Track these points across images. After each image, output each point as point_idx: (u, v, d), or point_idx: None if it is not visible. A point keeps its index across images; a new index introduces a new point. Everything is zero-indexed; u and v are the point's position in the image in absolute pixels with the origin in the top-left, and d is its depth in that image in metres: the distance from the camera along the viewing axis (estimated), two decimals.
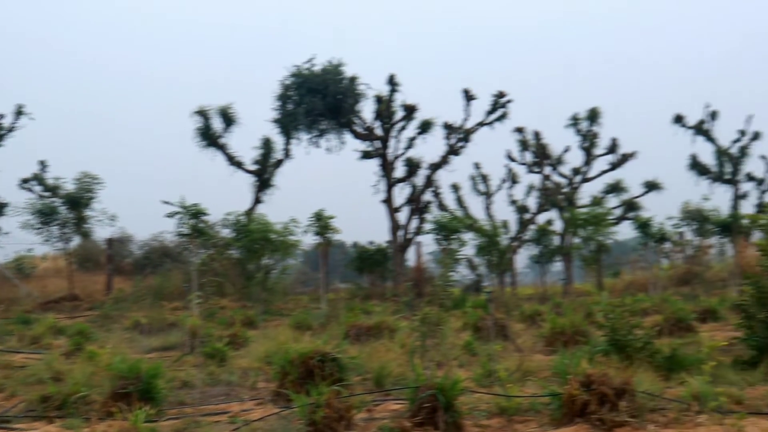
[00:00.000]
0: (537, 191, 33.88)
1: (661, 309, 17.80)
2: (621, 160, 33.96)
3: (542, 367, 11.04)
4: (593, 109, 34.17)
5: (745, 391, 9.22)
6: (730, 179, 34.63)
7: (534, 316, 18.20)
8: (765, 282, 11.63)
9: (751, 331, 11.74)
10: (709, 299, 20.21)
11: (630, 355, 10.54)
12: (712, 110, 34.97)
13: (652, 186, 33.31)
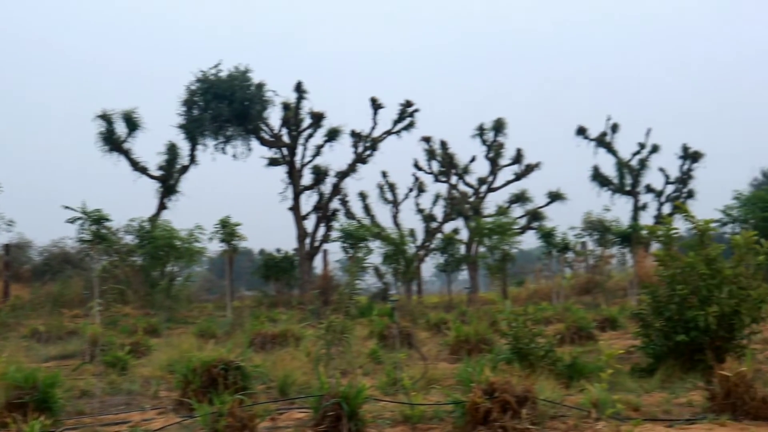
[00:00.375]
0: (443, 200, 34.18)
1: (563, 318, 18.11)
2: (525, 171, 34.52)
3: (446, 376, 11.12)
4: (498, 119, 34.65)
5: (642, 398, 9.45)
6: (631, 191, 35.49)
7: (439, 325, 18.33)
8: (662, 291, 11.94)
9: (649, 340, 12.05)
10: (609, 308, 20.65)
11: (532, 363, 10.70)
12: (614, 123, 35.82)
13: (556, 196, 33.93)
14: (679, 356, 11.44)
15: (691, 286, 11.49)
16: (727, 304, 11.25)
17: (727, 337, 11.46)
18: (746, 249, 11.74)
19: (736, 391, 8.40)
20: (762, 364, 12.13)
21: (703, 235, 11.91)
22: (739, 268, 11.65)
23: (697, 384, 10.15)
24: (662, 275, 12.10)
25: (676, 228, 12.43)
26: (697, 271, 11.54)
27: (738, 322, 11.44)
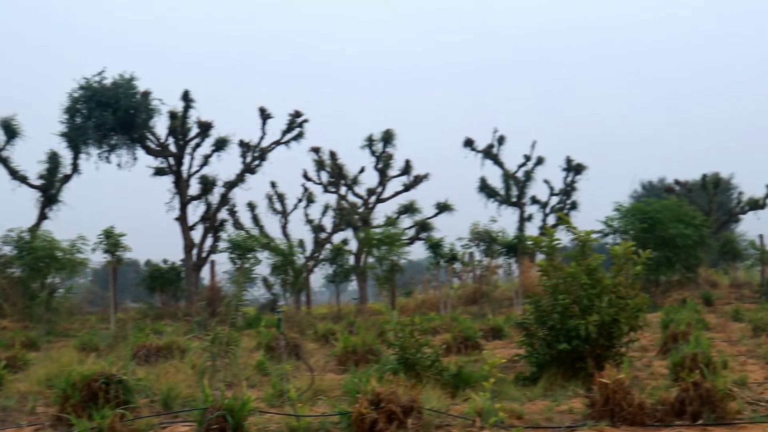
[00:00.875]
0: (333, 211, 34.17)
1: (450, 328, 18.29)
2: (414, 182, 34.79)
3: (334, 387, 11.11)
4: (388, 131, 34.85)
5: (525, 406, 9.61)
6: (516, 202, 36.17)
7: (327, 336, 18.31)
8: (545, 301, 12.19)
9: (532, 349, 12.28)
10: (495, 318, 20.96)
11: (419, 373, 10.77)
12: (500, 135, 36.45)
13: (444, 207, 34.30)
14: (561, 364, 11.68)
15: (572, 295, 11.76)
16: (606, 313, 11.55)
17: (607, 345, 11.76)
18: (625, 259, 12.09)
19: (615, 398, 8.63)
20: (639, 372, 12.52)
21: (584, 245, 12.21)
22: (618, 278, 11.98)
23: (578, 391, 10.39)
24: (545, 285, 12.35)
25: (558, 239, 12.71)
26: (579, 281, 11.81)
27: (617, 330, 11.76)
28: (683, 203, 30.70)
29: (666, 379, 11.19)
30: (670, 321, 17.14)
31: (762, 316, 18.33)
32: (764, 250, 30.96)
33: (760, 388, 10.79)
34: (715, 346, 14.86)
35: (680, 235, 26.85)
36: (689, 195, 36.28)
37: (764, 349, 14.72)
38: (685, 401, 8.73)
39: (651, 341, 16.41)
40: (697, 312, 20.58)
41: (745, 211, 36.33)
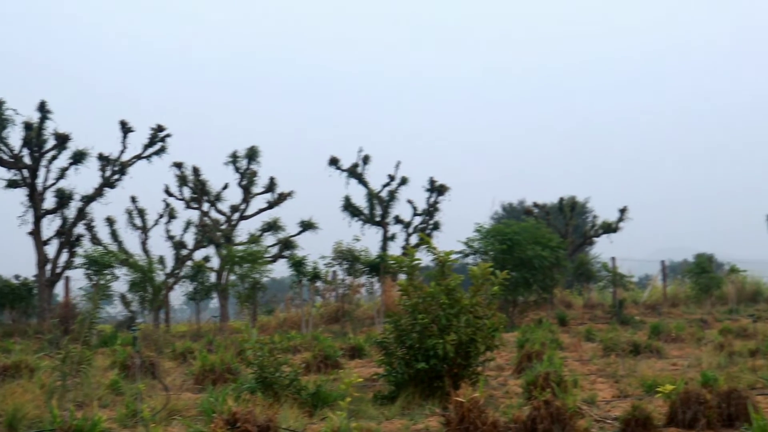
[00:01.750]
0: (195, 227, 33.62)
1: (311, 346, 18.25)
2: (278, 199, 34.61)
3: (189, 406, 10.92)
4: (252, 147, 34.56)
5: (382, 425, 9.68)
6: (380, 221, 36.37)
7: (186, 354, 17.98)
8: (404, 320, 12.30)
9: (391, 368, 12.36)
10: (357, 337, 21.01)
11: (277, 392, 10.71)
12: (365, 155, 36.63)
13: (308, 225, 34.19)
14: (419, 383, 11.81)
15: (431, 315, 11.91)
16: (464, 333, 11.75)
17: (464, 365, 11.96)
18: (483, 280, 12.33)
19: (469, 417, 8.77)
20: (495, 390, 12.77)
21: (443, 265, 12.40)
22: (476, 298, 12.21)
23: (435, 410, 10.53)
24: (405, 305, 12.47)
25: (419, 259, 12.87)
26: (438, 300, 11.99)
27: (474, 349, 11.98)
28: (541, 225, 31.54)
29: (520, 398, 11.45)
30: (525, 340, 17.54)
31: (612, 336, 18.99)
32: (616, 272, 32.11)
33: (608, 406, 11.16)
34: (568, 365, 15.32)
35: (537, 257, 27.53)
36: (547, 217, 37.28)
37: (613, 368, 15.23)
38: (537, 419, 8.94)
39: (507, 360, 16.76)
40: (551, 332, 21.16)
41: (599, 234, 37.54)
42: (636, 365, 15.30)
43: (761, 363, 14.96)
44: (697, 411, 9.36)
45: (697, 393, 9.54)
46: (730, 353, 16.45)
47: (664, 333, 20.93)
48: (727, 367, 14.30)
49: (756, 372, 13.69)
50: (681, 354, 17.81)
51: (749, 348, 16.79)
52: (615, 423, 9.73)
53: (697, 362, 15.59)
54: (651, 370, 14.17)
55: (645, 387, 12.07)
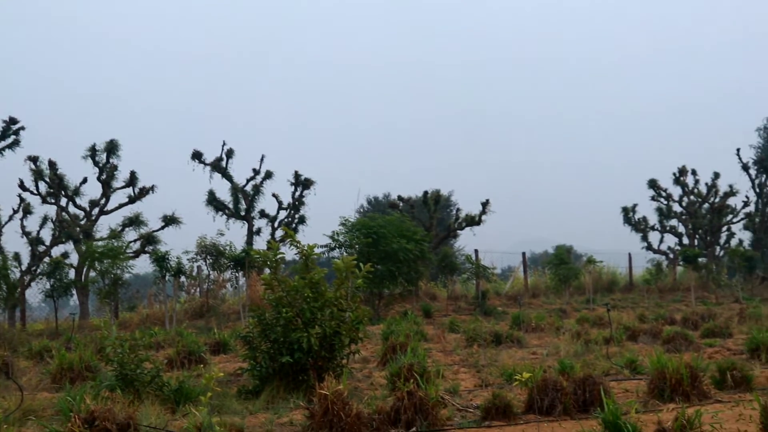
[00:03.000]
0: (52, 223, 32.53)
1: (174, 342, 17.95)
2: (140, 194, 33.83)
3: (46, 406, 10.58)
4: (111, 141, 33.64)
5: (246, 420, 9.60)
6: (245, 215, 36.06)
7: (43, 353, 17.43)
8: (269, 314, 12.25)
9: (255, 362, 12.29)
10: (222, 332, 20.79)
11: (138, 390, 10.50)
12: (229, 148, 36.22)
13: (171, 220, 33.55)
14: (284, 377, 11.79)
15: (296, 308, 11.90)
16: (328, 326, 11.79)
17: (328, 358, 12.00)
18: (347, 273, 12.39)
19: (333, 409, 8.80)
20: (360, 382, 12.85)
21: (307, 259, 12.39)
22: (340, 292, 12.27)
23: (300, 403, 10.52)
24: (269, 299, 12.42)
25: (282, 253, 12.81)
26: (302, 294, 11.98)
27: (338, 342, 12.03)
28: (406, 219, 31.86)
29: (384, 389, 11.56)
30: (390, 332, 17.74)
31: (475, 327, 19.40)
32: (479, 264, 32.78)
33: (470, 395, 11.39)
34: (432, 356, 15.57)
35: (402, 250, 27.83)
36: (411, 211, 37.69)
37: (475, 358, 15.56)
38: (400, 410, 9.06)
39: (372, 353, 16.89)
40: (416, 324, 21.44)
41: (463, 227, 38.15)
42: (497, 355, 15.68)
43: (615, 350, 15.55)
44: (554, 398, 9.65)
45: (554, 380, 9.83)
46: (587, 341, 17.04)
47: (525, 323, 21.50)
48: (583, 355, 14.81)
49: (610, 359, 14.22)
50: (540, 343, 18.33)
51: (604, 336, 17.42)
52: (476, 411, 9.93)
53: (556, 351, 16.08)
54: (512, 360, 14.54)
55: (506, 376, 12.38)
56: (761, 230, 46.48)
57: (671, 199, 45.62)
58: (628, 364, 13.31)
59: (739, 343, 16.73)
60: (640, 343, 17.35)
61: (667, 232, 45.28)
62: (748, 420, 8.65)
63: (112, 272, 26.53)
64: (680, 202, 45.62)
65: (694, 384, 10.33)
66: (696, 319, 22.29)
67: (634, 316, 23.97)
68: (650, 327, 19.32)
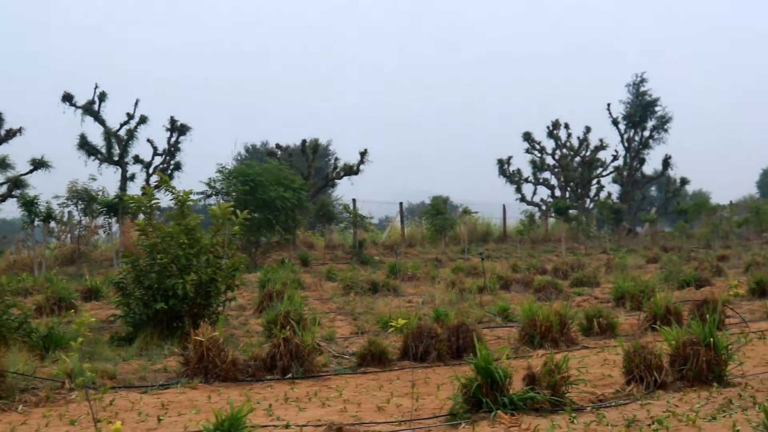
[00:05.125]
0: None
1: (43, 289, 17.49)
2: (6, 136, 32.61)
3: None
4: None
5: (119, 366, 9.44)
6: (119, 161, 35.25)
7: None
8: (143, 261, 12.02)
9: (129, 309, 12.07)
10: (94, 278, 20.33)
11: (5, 336, 10.18)
12: (102, 91, 35.25)
13: (40, 164, 32.49)
14: (158, 324, 11.62)
15: (171, 255, 11.71)
16: (204, 273, 11.66)
17: (204, 305, 11.89)
18: (223, 219, 12.25)
19: (208, 356, 8.76)
20: (236, 329, 12.80)
21: (183, 205, 12.18)
22: (216, 238, 12.12)
23: (174, 350, 10.41)
24: (143, 245, 12.18)
25: (157, 198, 12.54)
26: (177, 240, 11.79)
27: (214, 289, 11.92)
28: (284, 167, 31.72)
29: (261, 336, 11.54)
30: (267, 280, 17.71)
31: (351, 276, 19.55)
32: (356, 214, 32.94)
33: (346, 343, 11.48)
34: (309, 303, 15.62)
35: (280, 198, 27.71)
36: (290, 159, 37.55)
37: (352, 306, 15.67)
38: (276, 356, 9.07)
39: (249, 300, 16.83)
40: (293, 272, 21.46)
41: (341, 176, 38.29)
42: (374, 303, 15.82)
43: (488, 299, 15.91)
44: (429, 345, 9.81)
45: (429, 328, 9.98)
46: (461, 290, 17.38)
47: (402, 272, 21.77)
48: (457, 303, 15.08)
49: (483, 307, 14.54)
50: (416, 292, 18.59)
51: (478, 285, 17.80)
52: (352, 358, 10.02)
53: (431, 299, 16.35)
54: (388, 308, 14.69)
55: (381, 324, 12.51)
56: (629, 183, 48.14)
57: (545, 152, 46.71)
58: (500, 312, 13.64)
59: (605, 292, 17.35)
60: (513, 292, 17.81)
61: (541, 184, 46.45)
62: (612, 364, 8.99)
63: None
64: (553, 155, 46.77)
65: (563, 331, 10.67)
66: (566, 269, 23.02)
67: (508, 266, 24.55)
68: (522, 276, 19.84)
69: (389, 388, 8.27)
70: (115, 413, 7.23)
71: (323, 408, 7.42)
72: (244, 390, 8.26)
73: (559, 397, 6.89)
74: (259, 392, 8.19)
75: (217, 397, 7.95)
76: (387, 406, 7.42)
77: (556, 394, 6.90)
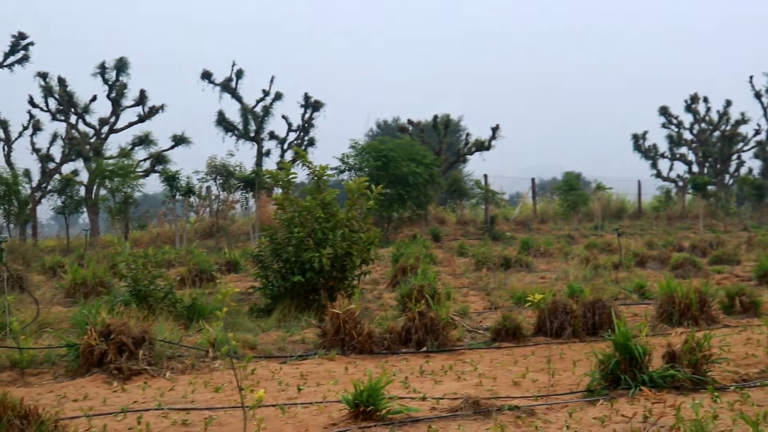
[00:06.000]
0: (62, 140, 32.53)
1: (185, 261, 18.09)
2: (149, 113, 33.75)
3: (61, 319, 10.72)
4: (121, 59, 33.49)
5: (258, 337, 9.72)
6: (254, 137, 36.03)
7: (55, 268, 17.59)
8: (280, 234, 12.30)
9: (267, 281, 12.38)
10: (232, 252, 20.90)
11: (151, 305, 10.60)
12: (239, 69, 36.05)
13: (181, 140, 33.51)
14: (295, 296, 11.88)
15: (307, 229, 11.94)
16: (340, 247, 11.84)
17: (340, 278, 12.09)
18: (358, 194, 12.40)
19: (345, 328, 8.91)
20: (370, 303, 12.97)
21: (319, 180, 12.40)
22: (351, 213, 12.29)
23: (311, 322, 10.63)
24: (281, 219, 12.46)
25: (295, 173, 12.81)
26: (314, 214, 12.01)
27: (349, 263, 12.10)
28: (415, 143, 31.79)
29: (395, 310, 11.66)
30: (400, 255, 17.83)
31: (484, 251, 19.49)
32: (488, 189, 32.80)
33: (479, 318, 11.49)
34: (441, 278, 15.66)
35: (412, 174, 27.81)
36: (421, 135, 37.58)
37: (484, 281, 15.66)
38: (411, 330, 9.16)
39: (382, 274, 17.01)
40: (425, 247, 21.56)
41: (472, 151, 38.09)
42: (506, 278, 15.77)
43: (624, 275, 15.62)
44: (564, 320, 9.73)
45: (564, 303, 9.90)
46: (596, 266, 17.12)
47: (534, 248, 21.60)
48: (592, 280, 14.87)
49: (619, 284, 14.30)
50: (549, 268, 18.42)
51: (613, 261, 17.49)
52: (486, 333, 10.03)
53: (564, 275, 16.17)
54: (520, 283, 14.62)
55: (515, 299, 12.46)
56: None
57: (682, 127, 45.37)
58: (636, 289, 13.39)
59: (747, 270, 16.79)
60: (649, 269, 17.45)
61: (677, 159, 45.16)
62: (756, 344, 8.72)
63: (122, 190, 26.64)
64: (691, 129, 45.39)
65: (703, 309, 10.39)
66: (704, 246, 22.36)
67: (643, 243, 24.02)
68: (659, 253, 19.42)
69: (524, 363, 8.25)
70: (257, 382, 7.47)
71: (459, 381, 7.47)
72: (380, 362, 8.38)
73: (701, 376, 6.74)
74: (394, 365, 8.30)
75: (353, 368, 8.10)
76: (523, 380, 7.41)
77: (697, 373, 6.75)
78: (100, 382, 7.45)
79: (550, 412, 6.23)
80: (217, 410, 6.42)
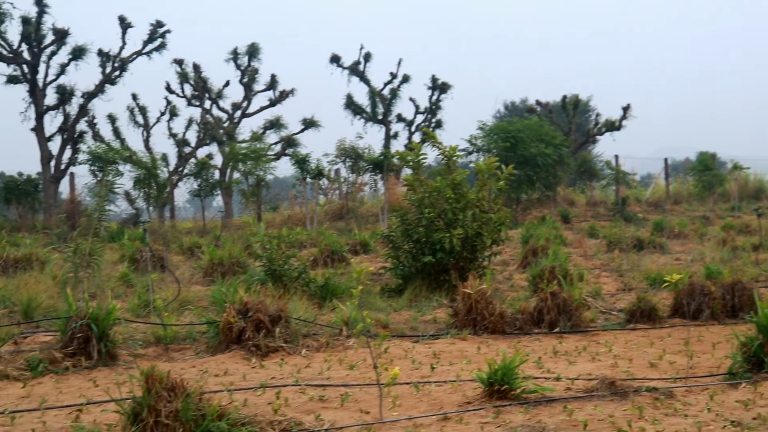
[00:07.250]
0: (197, 125, 33.46)
1: (317, 242, 18.37)
2: (280, 97, 34.34)
3: (200, 298, 11.07)
4: (253, 44, 34.16)
5: (390, 316, 9.82)
6: (382, 119, 36.23)
7: (193, 249, 18.12)
8: (411, 215, 12.38)
9: (398, 261, 12.49)
10: (362, 233, 21.10)
11: (286, 284, 10.83)
12: (367, 52, 36.27)
13: (310, 123, 33.99)
14: (425, 276, 11.95)
15: (438, 209, 11.98)
16: (470, 227, 11.84)
17: (470, 258, 12.10)
18: (488, 174, 12.37)
19: (477, 308, 8.92)
20: (500, 284, 12.92)
21: (449, 160, 12.42)
22: (481, 193, 12.26)
23: (442, 302, 10.69)
24: (411, 199, 12.54)
25: (424, 154, 12.85)
26: (444, 195, 12.04)
27: (480, 243, 12.09)
28: (544, 123, 31.36)
29: (526, 291, 11.59)
30: (530, 236, 17.68)
31: (615, 232, 19.13)
32: (619, 170, 32.14)
33: (612, 299, 11.33)
34: (572, 260, 15.47)
35: (541, 154, 27.48)
36: (550, 116, 37.05)
37: (617, 263, 15.39)
38: (543, 310, 9.11)
39: (512, 256, 16.92)
40: (555, 228, 21.30)
41: (602, 132, 37.33)
42: (640, 260, 15.46)
43: (764, 257, 15.09)
44: (702, 302, 9.49)
45: (702, 285, 9.66)
46: (733, 248, 16.59)
47: (667, 229, 21.08)
48: (730, 261, 14.42)
49: (759, 265, 13.83)
50: (684, 249, 17.96)
51: (752, 243, 16.92)
52: (620, 314, 9.89)
53: (700, 257, 15.74)
54: (655, 265, 14.30)
55: (649, 280, 12.21)
56: None
57: None
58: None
59: None
60: None
61: None
62: None
63: (254, 173, 27.22)
64: None
65: None
66: None
67: None
68: None
69: (661, 345, 8.10)
70: (391, 360, 7.56)
71: (593, 362, 7.39)
72: (512, 342, 8.37)
73: None
74: (527, 345, 8.28)
75: (486, 348, 8.11)
76: (660, 362, 7.28)
77: None
78: (239, 358, 7.68)
79: (690, 394, 6.10)
80: (353, 387, 6.54)
